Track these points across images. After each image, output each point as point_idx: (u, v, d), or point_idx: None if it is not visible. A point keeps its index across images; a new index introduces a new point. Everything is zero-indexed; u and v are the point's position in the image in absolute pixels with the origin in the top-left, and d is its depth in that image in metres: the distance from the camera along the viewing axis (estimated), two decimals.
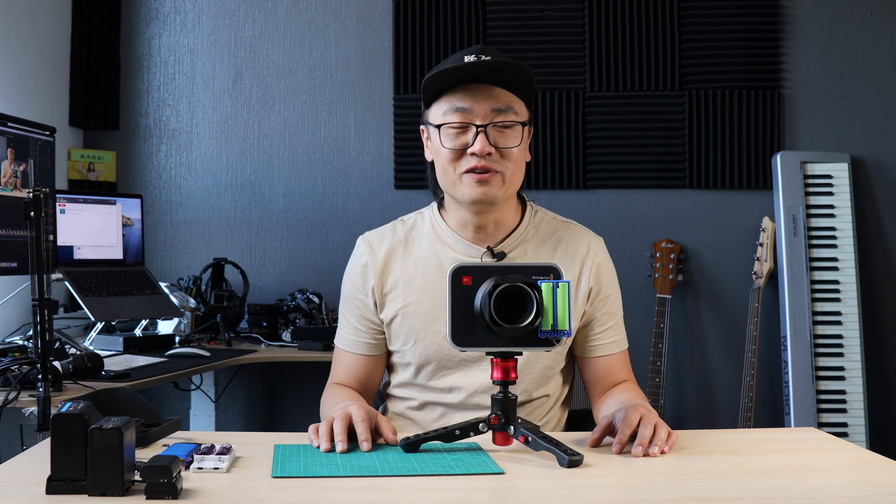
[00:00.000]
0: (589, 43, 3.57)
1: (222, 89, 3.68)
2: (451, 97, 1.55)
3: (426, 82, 1.56)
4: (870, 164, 3.56)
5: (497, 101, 1.55)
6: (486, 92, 1.54)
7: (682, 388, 3.58)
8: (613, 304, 1.70)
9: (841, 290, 3.40)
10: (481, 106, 1.54)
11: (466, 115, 1.54)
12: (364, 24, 3.65)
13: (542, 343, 1.26)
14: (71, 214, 2.96)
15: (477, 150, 1.53)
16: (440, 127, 1.56)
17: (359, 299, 1.69)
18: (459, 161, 1.56)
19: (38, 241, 1.64)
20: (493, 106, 1.54)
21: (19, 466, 1.21)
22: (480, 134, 1.53)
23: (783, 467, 1.25)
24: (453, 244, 1.66)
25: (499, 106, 1.55)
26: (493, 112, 1.54)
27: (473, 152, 1.53)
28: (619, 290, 1.73)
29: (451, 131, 1.56)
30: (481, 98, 1.54)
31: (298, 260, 3.64)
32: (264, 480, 1.15)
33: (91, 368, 2.04)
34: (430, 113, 1.61)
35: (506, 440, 1.30)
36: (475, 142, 1.53)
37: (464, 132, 1.55)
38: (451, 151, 1.56)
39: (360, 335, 1.70)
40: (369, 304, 1.68)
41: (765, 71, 3.56)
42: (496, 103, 1.54)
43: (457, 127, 1.55)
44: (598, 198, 3.60)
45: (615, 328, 1.70)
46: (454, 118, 1.55)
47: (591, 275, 1.67)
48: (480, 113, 1.54)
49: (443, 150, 1.57)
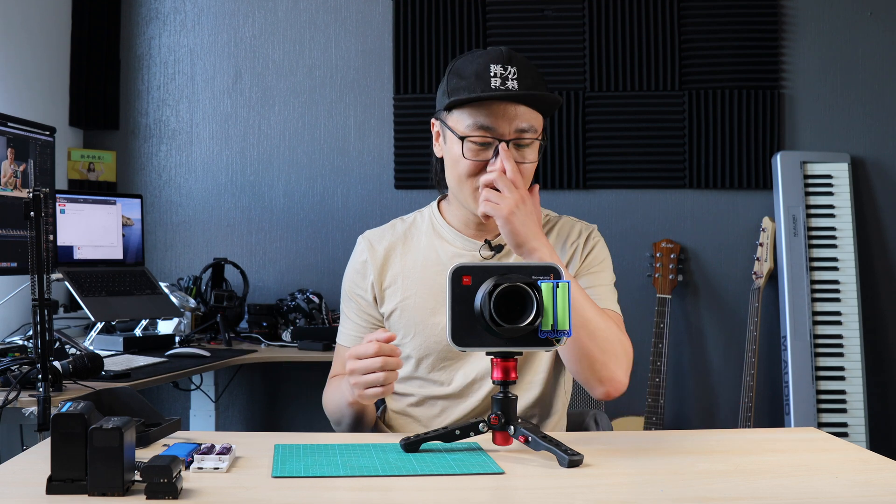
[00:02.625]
0: (589, 43, 3.57)
1: (222, 89, 3.68)
2: (475, 112, 1.56)
3: (451, 97, 1.56)
4: (870, 164, 3.56)
5: (521, 119, 1.56)
6: (512, 112, 1.55)
7: (682, 388, 3.58)
8: (601, 273, 1.68)
9: (841, 290, 3.40)
10: (506, 125, 1.55)
11: (490, 132, 1.56)
12: (364, 24, 3.65)
13: (542, 343, 1.26)
14: (71, 214, 2.96)
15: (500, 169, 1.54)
16: (463, 139, 1.57)
17: (358, 295, 1.73)
18: (478, 175, 1.58)
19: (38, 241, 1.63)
20: (517, 125, 1.56)
21: (19, 466, 1.21)
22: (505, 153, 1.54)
23: (783, 467, 1.25)
24: (451, 239, 1.69)
25: (522, 125, 1.56)
26: (516, 131, 1.56)
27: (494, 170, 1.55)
28: (613, 275, 1.71)
29: (474, 146, 1.57)
30: (507, 118, 1.55)
31: (298, 260, 3.64)
32: (264, 480, 1.15)
33: (91, 368, 2.04)
34: (449, 116, 1.61)
35: (506, 440, 1.30)
36: (497, 160, 1.55)
37: (485, 148, 1.57)
38: (470, 164, 1.57)
39: (360, 330, 1.72)
40: (369, 299, 1.71)
41: (765, 71, 3.56)
42: (520, 122, 1.56)
43: (479, 142, 1.56)
44: (598, 198, 3.60)
45: (600, 289, 1.65)
46: (478, 134, 1.56)
47: (580, 253, 1.69)
48: (504, 132, 1.55)
49: (462, 160, 1.58)
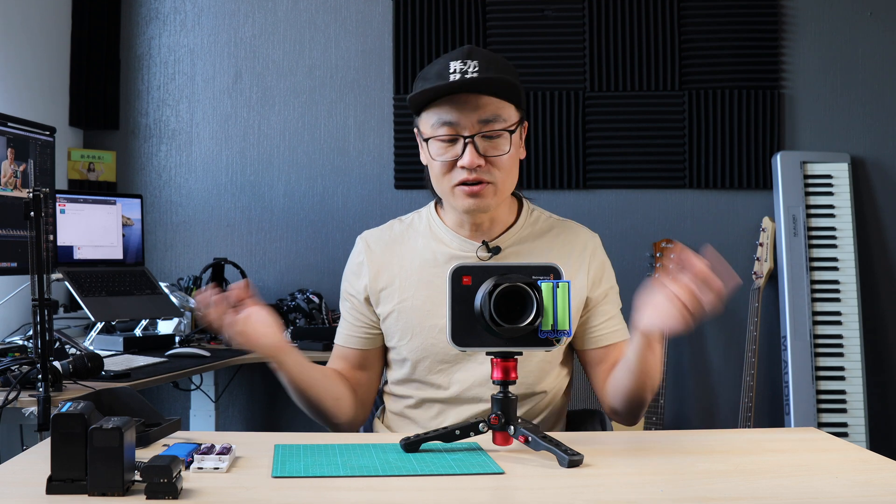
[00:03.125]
0: (589, 43, 3.57)
1: (222, 89, 3.67)
2: (438, 109, 1.56)
3: (410, 98, 1.58)
4: (870, 164, 3.56)
5: (484, 111, 1.54)
6: (473, 103, 1.54)
7: (682, 388, 3.58)
8: (613, 298, 1.71)
9: (841, 290, 3.40)
10: (468, 118, 1.54)
11: (454, 127, 1.54)
12: (364, 24, 3.65)
13: (542, 343, 1.26)
14: (71, 214, 2.96)
15: (466, 163, 1.54)
16: (429, 140, 1.57)
17: (352, 295, 1.73)
18: (451, 173, 1.57)
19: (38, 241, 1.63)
20: (479, 117, 1.54)
21: (19, 466, 1.21)
22: (469, 146, 1.53)
23: (783, 467, 1.25)
24: (448, 240, 1.67)
25: (486, 116, 1.54)
26: (480, 123, 1.54)
27: (463, 165, 1.54)
28: (617, 286, 1.73)
29: (441, 144, 1.56)
30: (468, 110, 1.54)
31: (298, 260, 3.64)
32: (264, 480, 1.15)
33: (91, 368, 2.04)
34: (420, 120, 1.62)
35: (506, 440, 1.29)
36: (464, 154, 1.54)
37: (452, 144, 1.56)
38: (441, 164, 1.57)
39: (353, 329, 1.73)
40: (361, 300, 1.71)
41: (765, 71, 3.56)
42: (483, 114, 1.54)
43: (445, 140, 1.56)
44: (598, 198, 3.60)
45: (617, 318, 1.70)
46: (442, 131, 1.55)
47: (590, 270, 1.67)
48: (468, 125, 1.54)
49: (433, 162, 1.58)
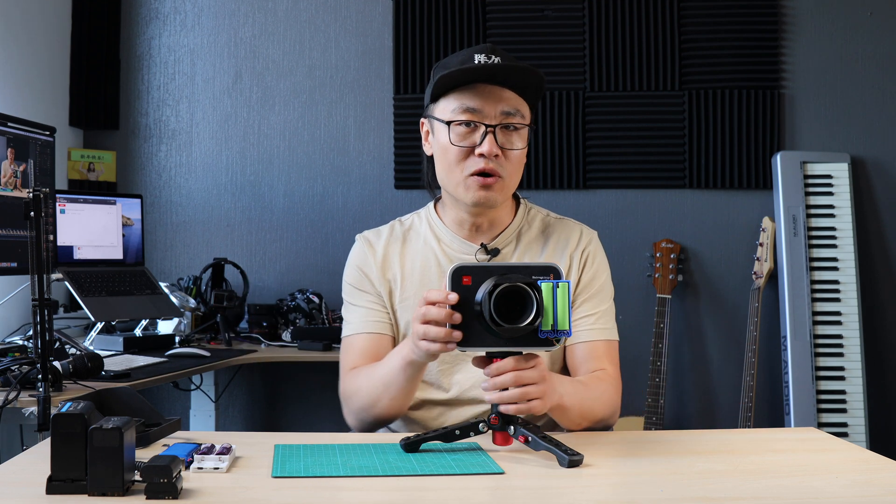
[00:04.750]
0: (589, 43, 3.57)
1: (222, 89, 3.67)
2: (461, 95, 1.56)
3: (438, 78, 1.56)
4: (870, 164, 3.56)
5: (507, 103, 1.56)
6: (497, 94, 1.55)
7: (682, 388, 3.58)
8: (601, 294, 1.66)
9: (841, 290, 3.40)
10: (493, 107, 1.55)
11: (476, 115, 1.55)
12: (364, 24, 3.65)
13: (542, 343, 1.26)
14: (71, 214, 2.96)
15: (485, 150, 1.53)
16: (450, 124, 1.56)
17: (366, 283, 1.66)
18: (466, 161, 1.57)
19: (38, 241, 1.63)
20: (503, 108, 1.55)
21: (19, 466, 1.21)
22: (489, 135, 1.54)
23: (783, 467, 1.25)
24: (448, 241, 1.67)
25: (508, 109, 1.56)
26: (502, 114, 1.55)
27: (482, 153, 1.54)
28: (612, 286, 1.70)
29: (461, 129, 1.56)
30: (492, 100, 1.55)
31: (298, 260, 3.64)
32: (264, 480, 1.15)
33: (91, 368, 2.04)
34: (436, 108, 1.61)
35: (506, 440, 1.29)
36: (483, 142, 1.54)
37: (472, 132, 1.56)
38: (458, 150, 1.56)
39: (374, 315, 1.64)
40: (377, 286, 1.65)
41: (765, 71, 3.56)
42: (506, 106, 1.55)
43: (466, 125, 1.56)
44: (598, 198, 3.60)
45: (601, 317, 1.64)
46: (464, 117, 1.55)
47: (581, 263, 1.66)
48: (490, 114, 1.55)
49: (451, 147, 1.57)
